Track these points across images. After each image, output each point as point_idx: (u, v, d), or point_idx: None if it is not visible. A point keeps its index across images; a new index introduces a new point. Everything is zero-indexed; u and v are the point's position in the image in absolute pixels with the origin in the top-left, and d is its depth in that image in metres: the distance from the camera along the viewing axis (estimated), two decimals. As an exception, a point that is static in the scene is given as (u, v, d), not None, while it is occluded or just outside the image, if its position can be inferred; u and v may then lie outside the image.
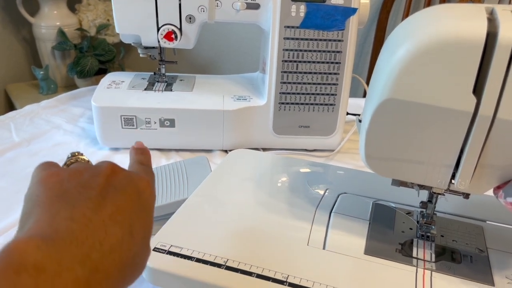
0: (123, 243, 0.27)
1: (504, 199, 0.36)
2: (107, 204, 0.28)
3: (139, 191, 0.30)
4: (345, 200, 0.50)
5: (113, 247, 0.26)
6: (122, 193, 0.29)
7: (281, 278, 0.38)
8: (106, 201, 0.28)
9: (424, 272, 0.40)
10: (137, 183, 0.30)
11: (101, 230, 0.26)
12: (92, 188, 0.28)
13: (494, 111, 0.33)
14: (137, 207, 0.29)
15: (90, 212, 0.27)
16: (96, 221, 0.26)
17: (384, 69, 0.36)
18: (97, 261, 0.25)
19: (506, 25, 0.32)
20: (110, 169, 0.30)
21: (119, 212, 0.28)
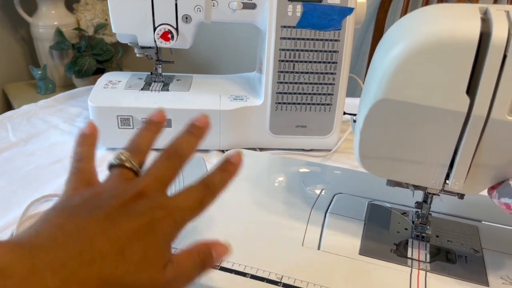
0: (108, 258, 0.26)
1: (498, 200, 0.36)
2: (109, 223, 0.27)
3: (154, 220, 0.29)
4: (340, 200, 0.50)
5: (93, 260, 0.25)
6: (132, 220, 0.28)
7: (275, 279, 0.38)
8: (109, 221, 0.27)
9: (419, 272, 0.40)
10: (153, 213, 0.29)
11: (87, 241, 0.25)
12: (102, 208, 0.28)
13: (487, 111, 0.33)
14: (143, 232, 0.28)
15: (83, 223, 0.26)
16: (85, 231, 0.26)
17: (378, 69, 0.36)
18: (72, 271, 0.24)
19: (500, 25, 0.32)
20: (136, 194, 0.29)
21: (115, 229, 0.27)
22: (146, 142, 0.35)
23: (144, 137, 0.35)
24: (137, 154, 0.34)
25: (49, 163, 0.69)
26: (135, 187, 0.30)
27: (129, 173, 0.32)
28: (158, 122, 0.37)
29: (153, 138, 0.36)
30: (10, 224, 0.55)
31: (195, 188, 0.33)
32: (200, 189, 0.33)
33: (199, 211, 0.32)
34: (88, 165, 0.33)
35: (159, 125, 0.37)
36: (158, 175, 0.32)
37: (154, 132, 0.36)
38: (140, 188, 0.30)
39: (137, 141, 0.35)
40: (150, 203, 0.29)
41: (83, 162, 0.33)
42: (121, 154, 0.33)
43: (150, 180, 0.31)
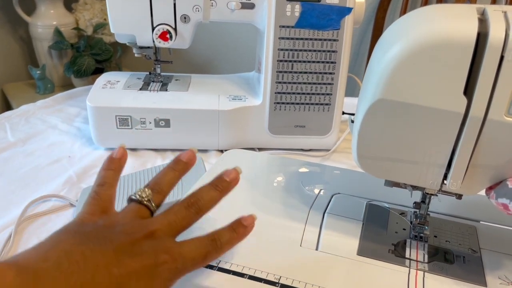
0: None
1: (496, 200, 0.36)
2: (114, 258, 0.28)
3: (156, 264, 0.30)
4: (338, 200, 0.50)
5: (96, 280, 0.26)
6: (136, 259, 0.29)
7: (273, 280, 0.38)
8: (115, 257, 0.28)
9: (417, 273, 0.40)
10: (158, 256, 0.30)
11: (89, 273, 0.27)
12: (112, 242, 0.29)
13: (485, 112, 0.33)
14: (144, 273, 0.29)
15: (90, 253, 0.27)
16: (89, 263, 0.27)
17: (376, 69, 0.36)
18: None
19: (497, 25, 0.32)
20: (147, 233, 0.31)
21: (118, 267, 0.28)
22: (169, 182, 0.36)
23: (168, 176, 0.36)
24: (158, 194, 0.35)
25: (47, 163, 0.69)
26: (148, 227, 0.31)
27: (145, 212, 0.34)
28: (186, 163, 0.38)
29: (177, 179, 0.37)
30: (9, 224, 0.55)
31: (202, 241, 0.34)
32: (207, 244, 0.34)
33: (201, 264, 0.34)
34: (109, 191, 0.34)
35: (187, 165, 0.38)
36: (172, 221, 0.33)
37: (180, 172, 0.37)
38: (152, 229, 0.31)
39: (161, 180, 0.36)
40: (157, 245, 0.31)
41: (105, 188, 0.34)
42: (143, 192, 0.34)
43: (163, 224, 0.32)
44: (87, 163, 0.70)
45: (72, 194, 0.62)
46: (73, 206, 0.60)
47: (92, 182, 0.63)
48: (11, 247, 0.52)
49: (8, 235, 0.53)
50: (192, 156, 0.38)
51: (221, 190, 0.37)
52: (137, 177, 0.61)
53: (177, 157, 0.38)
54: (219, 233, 0.35)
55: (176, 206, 0.34)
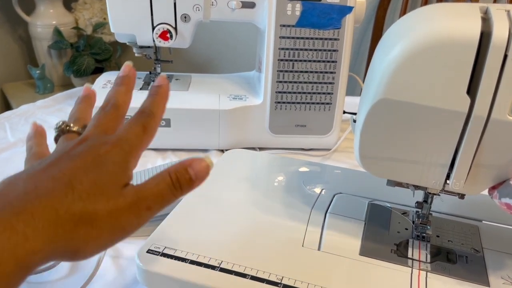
0: (55, 191, 0.27)
1: (499, 200, 0.36)
2: (53, 167, 0.29)
3: (99, 155, 0.30)
4: (340, 200, 0.50)
5: (39, 195, 0.27)
6: (75, 159, 0.29)
7: (276, 280, 0.38)
8: (53, 166, 0.29)
9: (419, 273, 0.40)
10: (99, 149, 0.30)
11: (32, 185, 0.28)
12: (47, 160, 0.30)
13: (488, 111, 0.33)
14: (90, 165, 0.29)
15: (30, 174, 0.29)
16: (31, 179, 0.28)
17: (378, 68, 0.36)
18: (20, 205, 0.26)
19: (500, 24, 0.32)
20: (78, 141, 0.31)
21: (60, 170, 0.29)
22: (83, 111, 0.37)
23: (80, 109, 0.38)
24: (77, 121, 0.36)
25: (48, 164, 0.69)
26: (78, 138, 0.32)
27: (73, 135, 0.34)
28: (90, 96, 0.39)
29: (89, 109, 0.38)
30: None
31: (132, 119, 0.34)
32: (138, 117, 0.34)
33: (145, 136, 0.33)
34: (39, 149, 0.35)
35: (92, 98, 0.39)
36: (98, 124, 0.33)
37: (89, 104, 0.39)
38: (82, 137, 0.32)
39: (73, 113, 0.37)
40: (92, 143, 0.31)
41: (34, 149, 0.35)
42: (58, 124, 0.35)
43: (90, 129, 0.33)
44: (87, 163, 0.69)
45: (72, 194, 0.62)
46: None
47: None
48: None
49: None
50: (90, 90, 0.40)
51: (126, 84, 0.37)
52: (137, 177, 0.61)
53: (86, 86, 0.40)
54: (143, 104, 0.35)
55: (95, 115, 0.35)
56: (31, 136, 0.37)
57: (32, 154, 0.35)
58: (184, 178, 0.31)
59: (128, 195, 0.30)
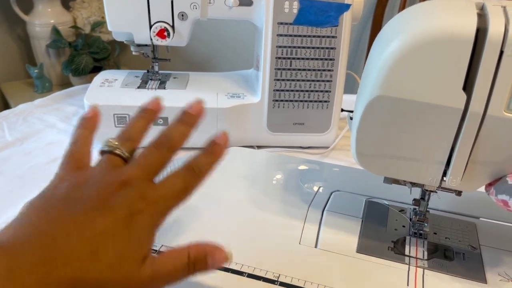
0: (81, 259, 0.26)
1: (495, 196, 0.36)
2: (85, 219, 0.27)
3: (132, 213, 0.28)
4: (338, 198, 0.50)
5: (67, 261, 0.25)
6: (108, 215, 0.27)
7: (272, 278, 0.38)
8: (86, 217, 0.27)
9: (416, 270, 0.40)
10: (132, 205, 0.28)
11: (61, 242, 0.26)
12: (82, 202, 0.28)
13: (484, 107, 0.33)
14: (119, 227, 0.28)
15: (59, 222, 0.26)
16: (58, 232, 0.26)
17: (374, 65, 0.36)
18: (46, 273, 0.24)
19: (496, 20, 0.32)
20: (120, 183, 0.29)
21: (90, 228, 0.27)
22: (138, 130, 0.35)
23: (136, 125, 0.35)
24: (127, 142, 0.33)
25: (45, 162, 0.69)
26: (119, 176, 0.30)
27: (118, 160, 0.32)
28: (152, 110, 0.36)
29: (145, 127, 0.35)
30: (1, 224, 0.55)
31: (179, 173, 0.32)
32: (184, 174, 0.32)
33: (184, 197, 0.31)
34: (82, 148, 0.33)
35: (154, 113, 0.36)
36: (145, 163, 0.31)
37: (147, 120, 0.36)
38: (124, 177, 0.29)
39: (128, 129, 0.34)
40: (131, 194, 0.29)
41: (78, 145, 0.33)
42: (110, 141, 0.32)
43: (135, 169, 0.30)
44: (85, 162, 0.69)
45: (70, 193, 0.62)
46: (71, 205, 0.59)
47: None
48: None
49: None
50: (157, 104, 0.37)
51: (189, 124, 0.35)
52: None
53: (143, 106, 0.37)
54: (195, 160, 0.33)
55: (146, 149, 0.33)
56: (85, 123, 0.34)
57: (72, 154, 0.32)
58: (201, 263, 0.31)
59: (144, 273, 0.28)
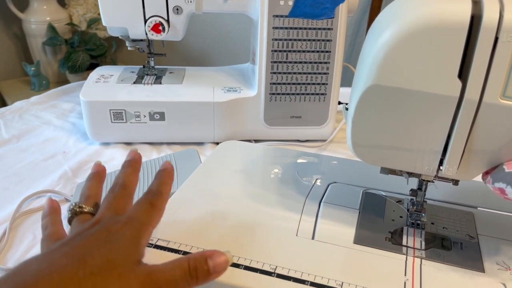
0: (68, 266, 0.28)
1: (492, 185, 0.36)
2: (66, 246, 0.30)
3: (111, 232, 0.32)
4: (335, 189, 0.50)
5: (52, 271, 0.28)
6: (88, 238, 0.31)
7: (269, 269, 0.38)
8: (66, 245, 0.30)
9: (414, 260, 0.40)
10: (109, 228, 0.32)
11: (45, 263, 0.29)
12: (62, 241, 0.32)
13: (480, 95, 0.33)
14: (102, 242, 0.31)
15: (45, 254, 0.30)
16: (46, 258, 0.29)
17: (368, 55, 0.36)
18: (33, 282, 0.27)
19: (491, 7, 0.31)
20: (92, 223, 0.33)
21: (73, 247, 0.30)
22: (94, 188, 0.40)
23: (90, 185, 0.40)
24: (88, 199, 0.38)
25: (42, 159, 0.69)
26: (92, 220, 0.34)
27: (86, 216, 0.36)
28: (99, 172, 0.42)
29: (99, 184, 0.41)
30: (3, 221, 0.55)
31: (141, 198, 0.36)
32: (146, 197, 0.36)
33: (154, 212, 0.35)
34: (54, 229, 0.37)
35: (101, 174, 0.42)
36: (108, 205, 0.36)
37: (98, 180, 0.41)
38: (95, 220, 0.34)
39: (84, 191, 0.39)
40: (103, 224, 0.33)
41: (49, 229, 0.37)
42: (71, 208, 0.37)
43: (102, 211, 0.35)
44: (82, 158, 0.69)
45: (67, 189, 0.61)
46: (68, 201, 0.59)
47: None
48: (6, 243, 0.51)
49: (2, 231, 0.53)
50: (101, 167, 0.42)
51: (132, 167, 0.40)
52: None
53: (91, 171, 0.42)
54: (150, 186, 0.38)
55: (105, 197, 0.37)
56: (46, 213, 0.39)
57: (48, 235, 0.36)
58: (202, 268, 0.32)
59: (140, 274, 0.30)
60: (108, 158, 0.70)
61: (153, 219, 0.35)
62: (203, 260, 0.32)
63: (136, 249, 0.32)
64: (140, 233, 0.33)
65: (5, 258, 0.49)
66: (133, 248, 0.31)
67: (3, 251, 0.50)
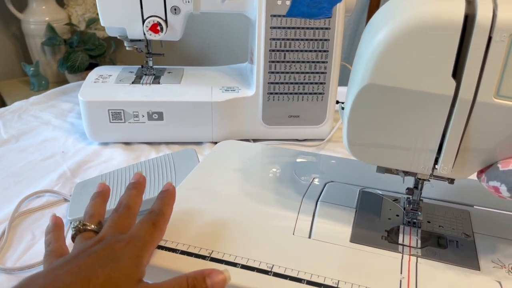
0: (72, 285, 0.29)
1: (487, 183, 0.36)
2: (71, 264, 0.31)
3: (113, 250, 0.33)
4: (332, 188, 0.50)
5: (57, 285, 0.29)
6: (92, 256, 0.32)
7: (266, 268, 0.38)
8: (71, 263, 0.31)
9: (410, 258, 0.40)
10: (112, 246, 0.33)
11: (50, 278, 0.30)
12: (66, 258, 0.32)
13: (474, 94, 0.33)
14: (105, 260, 0.32)
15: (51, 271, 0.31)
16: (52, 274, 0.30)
17: (364, 54, 0.36)
18: None
19: (484, 7, 0.32)
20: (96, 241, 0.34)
21: (77, 265, 0.31)
22: (98, 207, 0.41)
23: (95, 204, 0.41)
24: (91, 218, 0.39)
25: (41, 159, 0.69)
26: (95, 238, 0.35)
27: (90, 234, 0.37)
28: (103, 191, 0.43)
29: (103, 203, 0.42)
30: (2, 220, 0.55)
31: (143, 218, 0.38)
32: (148, 217, 0.38)
33: (156, 232, 0.37)
34: (57, 245, 0.38)
35: (106, 193, 0.43)
36: (112, 224, 0.37)
37: (102, 199, 0.42)
38: (99, 237, 0.35)
39: (89, 209, 0.40)
40: (107, 241, 0.34)
41: (52, 245, 0.38)
42: (75, 225, 0.38)
43: (106, 230, 0.36)
44: (80, 158, 0.69)
45: (66, 189, 0.62)
46: (67, 201, 0.59)
47: (86, 177, 0.63)
48: (5, 243, 0.51)
49: (2, 231, 0.53)
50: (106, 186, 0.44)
51: (136, 188, 0.42)
52: (131, 171, 0.61)
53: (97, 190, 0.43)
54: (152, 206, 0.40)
55: (110, 216, 0.39)
56: (49, 229, 0.40)
57: (51, 251, 0.37)
58: (201, 286, 0.33)
59: None
60: (107, 158, 0.70)
61: (155, 238, 0.37)
62: (201, 278, 0.33)
63: (137, 267, 0.33)
64: (142, 253, 0.34)
65: (4, 257, 0.50)
66: (134, 267, 0.33)
67: (2, 250, 0.51)
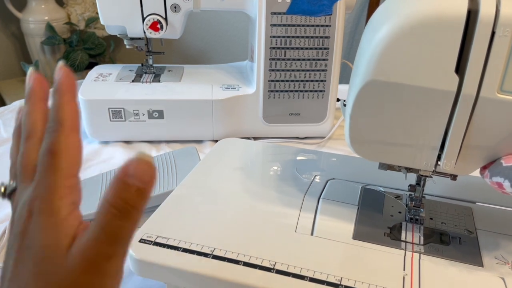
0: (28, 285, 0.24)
1: (490, 179, 0.36)
2: None
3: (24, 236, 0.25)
4: (333, 185, 0.50)
5: None
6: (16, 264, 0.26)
7: (268, 266, 0.38)
8: None
9: (413, 255, 0.40)
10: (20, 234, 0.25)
11: None
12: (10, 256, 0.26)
13: (477, 89, 0.33)
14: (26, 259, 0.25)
15: None
16: None
17: (366, 50, 0.36)
18: None
19: (487, 2, 0.31)
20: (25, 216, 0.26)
21: None
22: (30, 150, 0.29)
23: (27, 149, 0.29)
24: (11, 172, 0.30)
25: (41, 158, 0.69)
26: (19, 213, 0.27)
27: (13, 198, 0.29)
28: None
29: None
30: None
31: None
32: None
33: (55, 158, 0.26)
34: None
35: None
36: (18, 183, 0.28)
37: None
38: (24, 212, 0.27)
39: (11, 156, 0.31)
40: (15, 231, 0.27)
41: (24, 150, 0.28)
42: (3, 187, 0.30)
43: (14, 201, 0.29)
44: (81, 157, 0.69)
45: (66, 188, 0.61)
46: (67, 199, 0.59)
47: (86, 176, 0.63)
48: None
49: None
50: None
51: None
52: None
53: None
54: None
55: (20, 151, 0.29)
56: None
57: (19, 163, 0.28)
58: (130, 194, 0.23)
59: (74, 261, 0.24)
60: (107, 156, 0.70)
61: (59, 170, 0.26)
62: (123, 185, 0.23)
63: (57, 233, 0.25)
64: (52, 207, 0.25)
65: (5, 256, 0.50)
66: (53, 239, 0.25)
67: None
